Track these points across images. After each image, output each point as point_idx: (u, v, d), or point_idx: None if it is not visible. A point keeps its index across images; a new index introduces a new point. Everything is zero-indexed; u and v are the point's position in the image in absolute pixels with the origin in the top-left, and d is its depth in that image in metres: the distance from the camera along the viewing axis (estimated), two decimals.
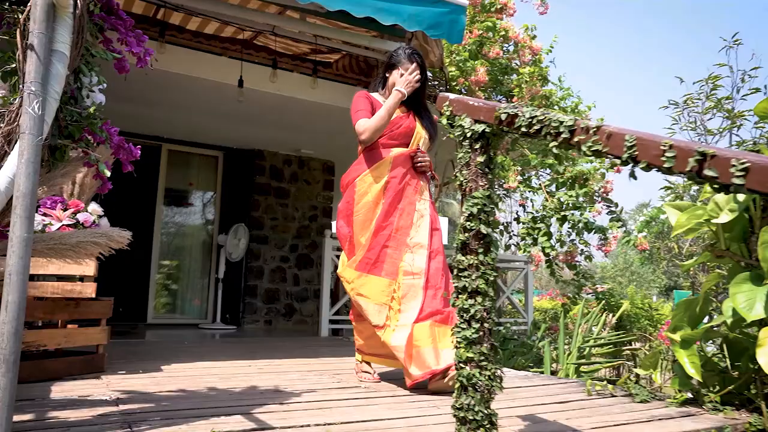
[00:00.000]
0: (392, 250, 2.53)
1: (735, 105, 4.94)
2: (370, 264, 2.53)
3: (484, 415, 1.34)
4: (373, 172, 2.61)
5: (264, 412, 1.88)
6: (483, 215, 1.40)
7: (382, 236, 2.54)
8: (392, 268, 2.51)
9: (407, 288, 2.48)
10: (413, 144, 2.70)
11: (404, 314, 2.45)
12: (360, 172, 2.64)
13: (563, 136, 1.16)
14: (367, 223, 2.57)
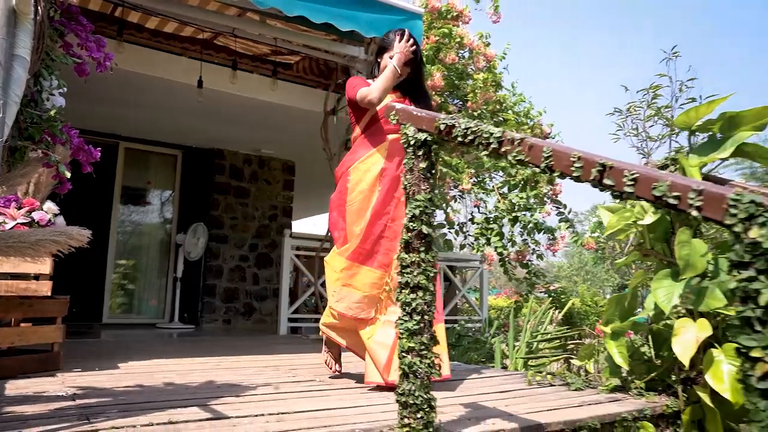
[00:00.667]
0: (388, 241, 2.44)
1: (674, 113, 5.27)
2: (364, 254, 2.44)
3: (423, 400, 1.46)
4: (368, 159, 2.53)
5: (220, 404, 1.96)
6: (424, 216, 1.52)
7: (379, 226, 2.45)
8: (386, 260, 2.43)
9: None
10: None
11: (394, 310, 2.32)
12: (354, 160, 2.56)
13: (492, 147, 1.30)
14: (362, 212, 2.47)
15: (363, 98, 2.49)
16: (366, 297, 2.43)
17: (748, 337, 0.82)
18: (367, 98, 2.48)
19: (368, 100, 2.48)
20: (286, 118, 5.55)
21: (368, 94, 2.47)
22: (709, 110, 2.17)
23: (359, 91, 2.51)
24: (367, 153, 2.53)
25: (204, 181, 6.82)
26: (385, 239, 2.44)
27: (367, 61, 4.64)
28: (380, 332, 2.38)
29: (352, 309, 2.44)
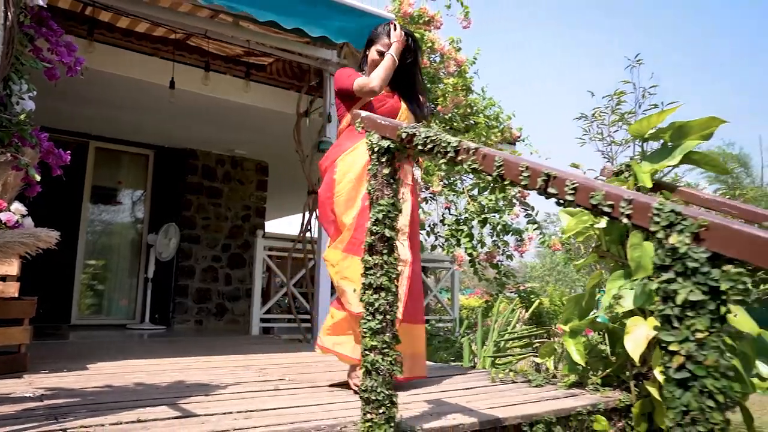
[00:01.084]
0: None
1: (637, 119, 5.46)
2: (358, 245, 2.27)
3: (385, 396, 1.53)
4: (355, 150, 2.46)
5: (189, 403, 2.00)
6: (387, 220, 1.59)
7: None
8: None
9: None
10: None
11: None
12: (340, 152, 2.51)
13: (450, 155, 1.37)
14: (351, 202, 2.40)
15: (362, 87, 2.44)
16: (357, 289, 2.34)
17: (668, 333, 0.91)
18: (368, 86, 2.43)
19: (369, 89, 2.43)
20: (260, 119, 5.57)
21: (369, 82, 2.43)
22: (660, 119, 2.29)
23: (357, 80, 2.47)
24: (355, 144, 2.47)
25: (176, 181, 6.78)
26: None
27: (340, 64, 4.70)
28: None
29: (352, 303, 2.31)
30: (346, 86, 2.50)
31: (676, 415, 0.87)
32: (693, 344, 0.87)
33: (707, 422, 0.84)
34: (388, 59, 2.48)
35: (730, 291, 0.87)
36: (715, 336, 0.87)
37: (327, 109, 4.66)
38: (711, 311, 0.87)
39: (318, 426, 1.64)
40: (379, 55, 2.55)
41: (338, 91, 2.58)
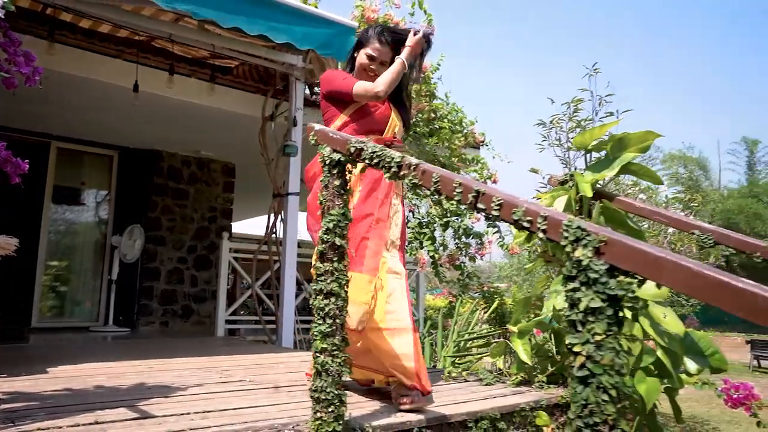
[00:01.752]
0: (373, 243, 2.21)
1: (594, 126, 5.67)
2: (349, 257, 2.14)
3: (334, 395, 1.62)
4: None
5: (148, 405, 2.05)
6: (338, 229, 1.68)
7: (362, 226, 2.21)
8: (373, 263, 2.18)
9: (392, 288, 2.17)
10: (388, 132, 2.46)
11: (395, 315, 2.12)
12: None
13: (393, 170, 1.47)
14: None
15: (366, 92, 2.31)
16: (353, 305, 2.11)
17: (573, 336, 1.02)
18: (372, 92, 2.30)
19: (374, 94, 2.30)
20: (226, 122, 5.58)
21: (374, 87, 2.30)
22: (601, 132, 2.44)
23: (358, 84, 2.34)
24: None
25: (141, 182, 6.73)
26: (371, 241, 2.21)
27: (305, 68, 4.77)
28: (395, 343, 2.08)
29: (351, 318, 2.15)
30: (340, 89, 2.38)
31: (576, 408, 0.99)
32: (592, 346, 0.99)
33: (602, 414, 0.96)
34: (399, 64, 2.35)
35: (624, 299, 0.99)
36: (611, 338, 0.99)
37: (293, 113, 4.73)
38: (608, 316, 0.99)
39: (272, 425, 1.72)
40: (369, 60, 2.45)
41: (328, 93, 2.45)
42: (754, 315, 0.82)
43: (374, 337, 2.11)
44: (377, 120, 2.43)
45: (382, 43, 2.45)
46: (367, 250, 2.19)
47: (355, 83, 2.35)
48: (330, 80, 2.46)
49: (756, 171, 31.62)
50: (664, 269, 0.93)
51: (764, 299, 0.81)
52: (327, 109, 2.48)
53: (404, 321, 2.12)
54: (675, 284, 0.93)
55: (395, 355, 2.07)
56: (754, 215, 25.26)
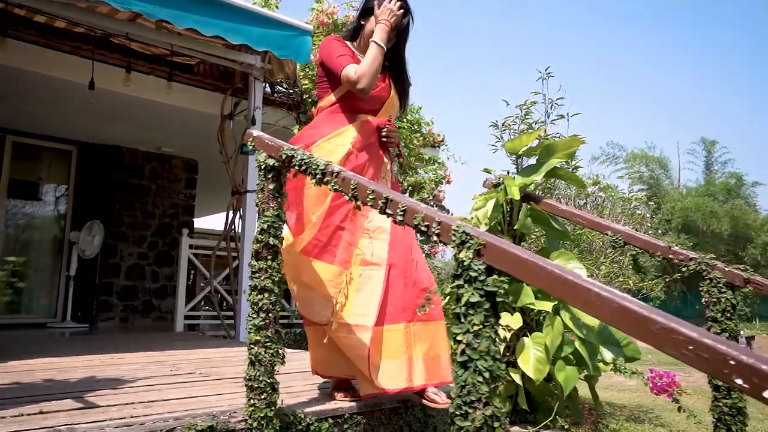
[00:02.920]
0: (348, 233, 2.09)
1: (546, 128, 5.90)
2: (320, 247, 2.07)
3: (267, 384, 1.75)
4: (334, 139, 2.18)
5: (95, 396, 2.14)
6: (272, 230, 1.81)
7: (339, 215, 2.09)
8: (346, 255, 2.07)
9: (364, 281, 2.03)
10: (384, 112, 2.31)
11: (357, 311, 1.99)
12: (316, 137, 2.19)
13: (318, 176, 1.60)
14: (321, 198, 2.10)
15: (351, 83, 2.13)
16: (320, 297, 2.08)
17: (456, 326, 1.17)
18: (356, 86, 2.12)
19: (358, 89, 2.12)
20: (186, 119, 5.62)
21: (357, 81, 2.10)
22: (531, 139, 2.61)
23: (344, 71, 2.14)
24: (334, 132, 2.19)
25: (101, 177, 6.71)
26: (346, 231, 2.09)
27: (264, 68, 4.85)
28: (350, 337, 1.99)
29: (305, 310, 2.17)
30: (333, 67, 2.20)
31: (457, 389, 1.14)
32: (471, 335, 1.14)
33: (477, 392, 1.11)
34: (375, 50, 2.14)
35: (498, 295, 1.14)
36: (488, 328, 1.14)
37: (251, 112, 4.80)
38: (486, 310, 1.14)
39: (210, 412, 1.83)
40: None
41: (323, 64, 2.27)
42: (585, 306, 0.98)
43: (340, 332, 2.01)
44: (373, 99, 2.25)
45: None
46: (342, 241, 2.08)
47: (344, 68, 2.14)
48: (326, 50, 2.25)
49: (713, 171, 32.72)
50: (529, 269, 1.09)
51: (597, 295, 0.97)
52: (322, 78, 2.32)
53: (368, 318, 1.96)
54: (536, 282, 1.09)
55: (352, 353, 1.99)
56: (710, 213, 26.16)
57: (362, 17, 2.31)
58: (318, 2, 5.06)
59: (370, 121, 2.26)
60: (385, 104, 2.31)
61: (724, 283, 1.91)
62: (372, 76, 2.12)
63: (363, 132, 2.22)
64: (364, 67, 2.12)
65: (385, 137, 2.27)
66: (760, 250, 25.78)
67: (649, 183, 32.64)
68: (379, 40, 2.15)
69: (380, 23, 2.17)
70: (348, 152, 2.16)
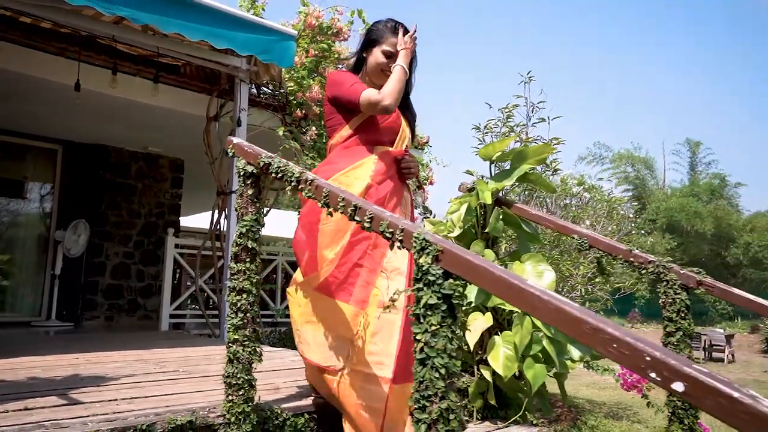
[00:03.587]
0: (366, 271, 1.98)
1: (528, 131, 6.03)
2: (336, 284, 1.96)
3: (244, 380, 1.83)
4: (351, 172, 2.11)
5: (79, 393, 2.21)
6: (251, 234, 1.89)
7: (357, 251, 1.99)
8: (363, 294, 1.95)
9: (381, 324, 1.90)
10: (399, 143, 2.26)
11: (374, 358, 1.86)
12: (333, 171, 2.11)
13: (294, 184, 1.69)
14: (339, 235, 1.99)
15: (374, 104, 2.08)
16: (334, 338, 1.96)
17: (416, 326, 1.26)
18: (380, 104, 2.07)
19: (382, 107, 2.07)
20: (173, 120, 5.66)
21: (381, 99, 2.07)
22: (503, 145, 2.71)
23: (364, 94, 2.10)
24: (351, 166, 2.12)
25: (87, 176, 6.72)
26: (364, 269, 1.99)
27: (250, 70, 4.91)
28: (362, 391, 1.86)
29: (315, 353, 2.00)
30: (347, 96, 2.15)
31: (416, 384, 1.23)
32: (429, 334, 1.23)
33: (434, 387, 1.21)
34: (400, 72, 2.13)
35: (454, 297, 1.24)
36: (444, 328, 1.23)
37: (237, 114, 4.86)
38: (443, 311, 1.24)
39: (190, 408, 1.92)
40: (387, 57, 2.21)
41: (334, 98, 2.22)
42: (529, 308, 1.08)
43: (354, 379, 1.87)
44: (386, 131, 2.23)
45: (398, 37, 2.21)
46: (359, 279, 1.97)
47: (362, 93, 2.11)
48: (337, 84, 2.21)
49: (697, 171, 33.18)
50: (480, 274, 1.19)
51: (539, 298, 1.07)
52: (332, 115, 2.27)
53: (385, 368, 1.83)
54: (486, 286, 1.19)
55: (361, 404, 1.84)
56: (694, 213, 26.56)
57: (364, 50, 2.29)
58: (304, 5, 5.12)
59: (388, 153, 2.20)
60: (398, 135, 2.27)
61: (679, 284, 2.03)
62: (397, 94, 2.09)
63: (382, 164, 2.15)
64: (389, 86, 2.10)
65: (404, 168, 2.22)
66: (742, 250, 26.24)
67: (635, 183, 33.10)
68: (404, 64, 2.15)
69: (403, 49, 2.18)
70: (368, 186, 2.08)
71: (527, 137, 5.71)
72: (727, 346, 13.73)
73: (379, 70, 2.22)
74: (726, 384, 0.81)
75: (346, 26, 5.38)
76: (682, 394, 0.85)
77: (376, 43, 2.24)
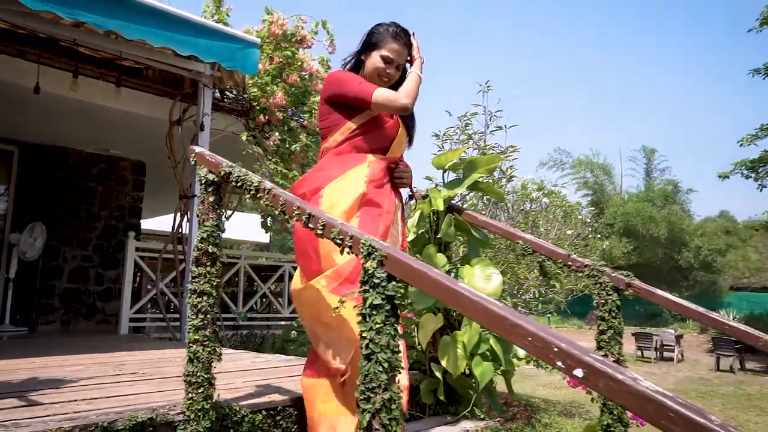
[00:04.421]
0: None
1: (486, 138, 6.24)
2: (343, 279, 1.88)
3: (204, 379, 1.92)
4: (345, 180, 2.07)
5: (38, 395, 2.24)
6: (211, 239, 1.98)
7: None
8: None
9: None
10: (393, 151, 2.23)
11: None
12: (327, 180, 2.06)
13: (252, 192, 1.79)
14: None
15: (390, 102, 2.07)
16: (344, 342, 1.93)
17: (363, 325, 1.39)
18: (398, 102, 2.06)
19: (400, 105, 2.06)
20: (135, 123, 5.65)
21: (398, 98, 2.07)
22: (455, 155, 2.87)
23: (379, 92, 2.07)
24: (345, 172, 2.09)
25: (45, 179, 6.62)
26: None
27: (213, 76, 4.96)
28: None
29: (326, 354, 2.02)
30: (356, 94, 2.10)
31: (361, 377, 1.35)
32: (374, 332, 1.36)
33: (377, 380, 1.33)
34: (417, 79, 2.16)
35: (397, 298, 1.37)
36: (388, 326, 1.36)
37: (200, 119, 4.90)
38: (386, 311, 1.36)
39: (151, 407, 1.99)
40: (385, 62, 2.19)
41: (335, 97, 2.17)
42: (462, 308, 1.22)
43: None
44: (386, 135, 2.20)
45: (399, 43, 2.20)
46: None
47: (375, 90, 2.08)
48: (341, 82, 2.16)
49: (653, 177, 34.40)
50: (419, 277, 1.32)
51: (469, 299, 1.21)
52: (328, 115, 2.19)
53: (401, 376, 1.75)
54: (425, 288, 1.32)
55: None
56: (649, 218, 27.53)
57: (362, 53, 2.26)
58: (269, 14, 5.20)
59: (381, 161, 2.16)
60: (394, 141, 2.23)
61: (610, 286, 2.21)
62: (414, 96, 2.11)
63: (375, 172, 2.11)
64: (408, 87, 2.11)
65: (397, 178, 2.20)
66: (693, 254, 27.34)
67: (594, 188, 34.10)
68: (420, 72, 2.19)
69: (418, 58, 2.23)
70: (362, 193, 2.04)
71: (485, 145, 5.92)
72: (677, 346, 14.33)
73: (377, 75, 2.20)
74: (614, 369, 0.96)
75: (310, 34, 5.48)
76: (582, 378, 1.00)
77: (375, 47, 2.21)
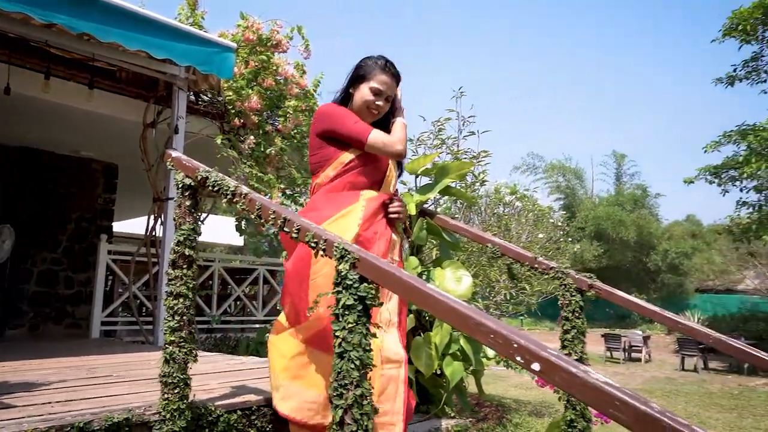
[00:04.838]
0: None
1: (459, 143, 6.36)
2: (327, 337, 1.70)
3: (180, 379, 1.95)
4: (340, 221, 2.02)
5: (11, 399, 2.24)
6: (188, 242, 2.02)
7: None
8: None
9: (386, 381, 1.87)
10: (386, 186, 2.23)
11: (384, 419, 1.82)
12: (320, 220, 1.95)
13: (229, 197, 1.84)
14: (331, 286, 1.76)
15: (385, 146, 2.10)
16: (323, 396, 1.87)
17: (336, 324, 1.45)
18: (394, 148, 2.11)
19: (395, 151, 2.12)
20: (107, 125, 5.60)
21: (394, 144, 2.11)
22: (427, 161, 2.95)
23: (374, 135, 2.09)
24: (338, 214, 2.05)
25: (14, 180, 6.50)
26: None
27: (188, 79, 4.96)
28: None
29: (303, 412, 1.92)
30: (351, 134, 2.11)
31: (334, 374, 1.42)
32: (346, 331, 1.42)
33: (350, 377, 1.40)
34: (404, 126, 2.22)
35: (368, 299, 1.44)
36: (360, 326, 1.43)
37: (174, 122, 4.89)
38: (358, 311, 1.43)
39: (126, 407, 2.01)
40: (375, 95, 2.18)
41: (328, 133, 2.15)
42: (431, 308, 1.29)
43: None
44: (379, 168, 2.21)
45: (388, 74, 2.19)
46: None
47: (371, 132, 2.09)
48: (333, 116, 2.16)
49: (622, 182, 35.19)
50: (390, 279, 1.39)
51: (436, 299, 1.28)
52: (318, 150, 2.17)
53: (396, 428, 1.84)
54: (395, 290, 1.39)
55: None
56: (619, 222, 28.15)
57: (351, 86, 2.25)
58: (243, 19, 5.23)
59: (375, 198, 2.14)
60: (385, 176, 2.24)
61: (574, 288, 2.31)
62: (405, 144, 2.16)
63: (370, 210, 2.08)
64: (401, 134, 2.15)
65: (392, 213, 2.17)
66: (661, 257, 28.06)
67: (566, 192, 34.77)
68: (404, 119, 2.26)
69: (400, 108, 2.29)
70: (357, 234, 2.00)
71: (458, 150, 6.03)
72: (645, 347, 14.71)
73: (365, 108, 2.19)
74: (568, 363, 1.04)
75: (285, 38, 5.52)
76: (539, 372, 1.08)
77: (363, 80, 2.19)
